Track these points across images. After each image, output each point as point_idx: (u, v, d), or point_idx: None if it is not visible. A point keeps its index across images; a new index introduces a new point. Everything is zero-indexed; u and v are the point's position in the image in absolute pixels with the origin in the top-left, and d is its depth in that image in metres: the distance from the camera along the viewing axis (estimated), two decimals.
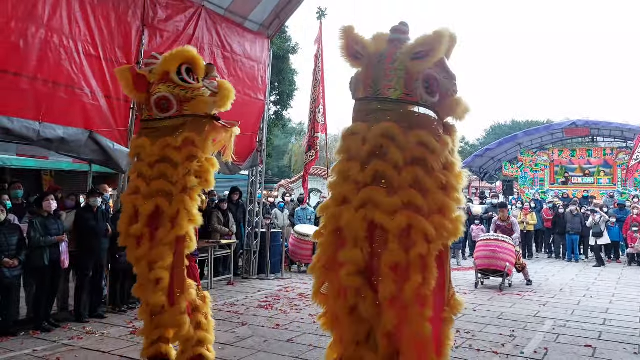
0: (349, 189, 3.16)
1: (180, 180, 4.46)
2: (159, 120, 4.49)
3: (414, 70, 3.11)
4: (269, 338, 6.16)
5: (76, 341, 5.93)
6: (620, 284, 10.79)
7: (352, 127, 3.24)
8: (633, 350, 5.85)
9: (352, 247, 3.09)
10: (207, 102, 4.50)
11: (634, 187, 21.07)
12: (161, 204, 4.43)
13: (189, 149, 4.46)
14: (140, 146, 4.54)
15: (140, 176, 4.56)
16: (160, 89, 4.42)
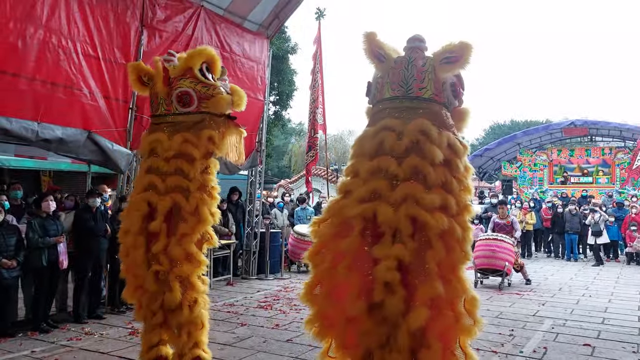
0: (383, 184, 3.15)
1: (197, 177, 4.46)
2: (177, 115, 4.47)
3: (442, 74, 3.30)
4: (269, 338, 6.15)
5: (75, 342, 5.93)
6: (619, 283, 10.80)
7: (385, 121, 3.26)
8: (632, 349, 5.86)
9: (391, 242, 3.08)
10: (227, 101, 4.51)
11: (633, 187, 21.09)
12: (179, 200, 4.40)
13: (208, 146, 4.47)
14: (157, 140, 4.47)
15: (153, 172, 4.48)
16: (183, 84, 4.43)
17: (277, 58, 17.49)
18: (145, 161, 4.63)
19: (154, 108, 4.69)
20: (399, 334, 3.08)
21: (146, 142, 4.62)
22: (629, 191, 20.67)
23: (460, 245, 3.20)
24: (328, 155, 18.02)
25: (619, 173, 21.84)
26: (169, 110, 4.49)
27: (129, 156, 7.75)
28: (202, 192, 4.53)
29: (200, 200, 4.49)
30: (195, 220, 4.53)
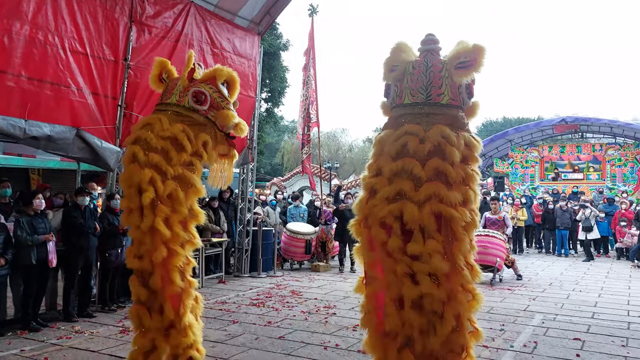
0: (407, 185, 3.38)
1: (177, 167, 4.43)
2: (187, 109, 4.53)
3: (458, 79, 3.47)
4: (260, 335, 6.14)
5: (65, 340, 5.89)
6: (609, 278, 10.87)
7: (407, 127, 3.47)
8: (621, 343, 5.89)
9: (422, 238, 3.32)
10: (232, 117, 4.62)
11: (623, 182, 21.24)
12: (155, 179, 4.33)
13: (199, 148, 4.51)
14: (158, 119, 4.49)
15: (140, 143, 4.43)
16: (202, 86, 4.55)
17: (269, 55, 17.44)
18: (138, 132, 4.53)
19: (164, 97, 4.70)
20: (441, 322, 3.34)
21: (144, 120, 4.62)
22: (619, 187, 20.83)
23: (469, 234, 3.48)
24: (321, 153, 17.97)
25: (610, 169, 21.99)
26: (180, 102, 4.56)
27: (118, 154, 7.70)
28: (178, 183, 4.46)
29: (174, 190, 4.43)
30: (171, 207, 4.42)
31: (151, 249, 4.34)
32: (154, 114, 4.62)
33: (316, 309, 7.62)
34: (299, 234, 11.84)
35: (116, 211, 7.56)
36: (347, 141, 45.76)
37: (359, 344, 5.71)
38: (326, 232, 12.09)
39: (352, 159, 42.93)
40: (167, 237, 4.37)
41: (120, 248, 7.50)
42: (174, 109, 4.55)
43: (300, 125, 13.30)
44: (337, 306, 7.81)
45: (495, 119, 50.79)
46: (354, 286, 3.95)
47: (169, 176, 4.39)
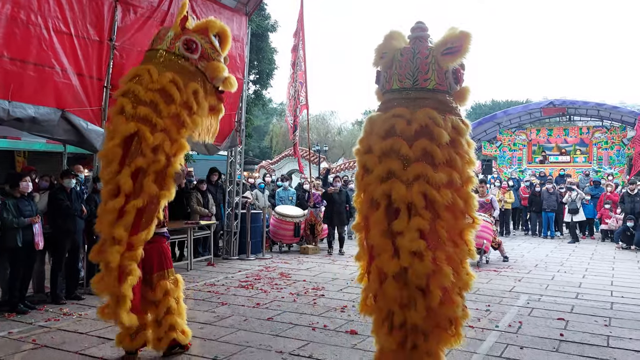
0: (396, 165, 3.50)
1: (167, 120, 4.39)
2: (177, 56, 4.50)
3: (445, 65, 3.58)
4: (249, 317, 6.17)
5: (53, 322, 5.88)
6: (594, 260, 11.05)
7: (395, 110, 3.59)
8: (603, 323, 6.01)
9: (407, 217, 3.45)
10: (223, 69, 4.64)
11: (609, 165, 21.47)
12: (142, 130, 4.27)
13: (190, 98, 4.49)
14: (146, 69, 4.44)
15: (128, 95, 4.38)
16: (194, 35, 4.55)
17: (257, 36, 17.27)
18: (125, 84, 4.49)
19: (155, 43, 4.65)
20: (424, 296, 3.45)
21: (134, 70, 4.57)
22: (606, 170, 21.05)
23: (464, 213, 3.61)
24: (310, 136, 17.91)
25: (596, 152, 22.19)
26: (171, 49, 4.53)
27: (104, 136, 7.61)
28: (166, 136, 4.40)
29: (164, 143, 4.35)
30: (153, 160, 4.32)
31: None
32: (143, 64, 4.58)
33: (305, 290, 7.67)
34: (288, 217, 11.86)
35: None
36: (336, 124, 45.68)
37: (346, 325, 5.77)
38: (315, 214, 12.12)
39: (341, 142, 42.89)
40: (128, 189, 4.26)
41: None
42: (164, 54, 4.52)
43: (288, 108, 13.22)
44: (326, 288, 7.87)
45: (484, 102, 50.93)
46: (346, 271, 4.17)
47: (158, 128, 4.36)
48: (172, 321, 4.78)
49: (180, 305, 4.97)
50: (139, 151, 4.33)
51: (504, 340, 5.29)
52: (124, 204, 4.25)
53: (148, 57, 4.64)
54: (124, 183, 4.24)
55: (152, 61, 4.54)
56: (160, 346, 4.78)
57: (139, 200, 4.27)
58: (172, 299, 4.85)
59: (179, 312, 4.92)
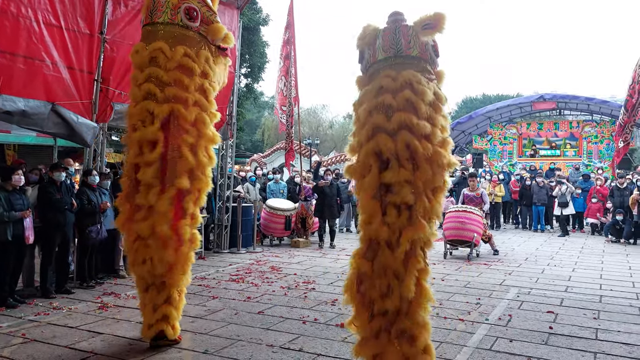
0: (381, 118, 3.68)
1: (194, 92, 4.62)
2: (180, 27, 4.62)
3: (424, 37, 3.83)
4: (240, 310, 6.19)
5: (42, 317, 5.86)
6: (583, 253, 11.15)
7: (384, 72, 3.80)
8: (592, 316, 6.08)
9: (398, 167, 3.59)
10: (223, 29, 4.79)
11: (599, 159, 21.63)
12: (177, 109, 4.50)
13: (205, 65, 4.68)
14: (159, 49, 4.54)
15: (153, 81, 4.55)
16: (191, 1, 4.63)
17: (248, 29, 17.19)
18: (143, 71, 4.63)
19: (154, 15, 4.69)
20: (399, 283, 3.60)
21: (147, 51, 4.64)
22: (595, 164, 21.22)
23: (442, 172, 3.74)
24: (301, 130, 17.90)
25: (586, 146, 22.36)
26: (173, 20, 4.61)
27: (95, 129, 7.57)
28: (199, 108, 4.67)
29: (199, 115, 4.63)
30: (197, 134, 4.65)
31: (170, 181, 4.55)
32: (146, 39, 4.66)
33: (295, 284, 7.69)
34: (279, 210, 11.86)
35: (93, 187, 7.48)
36: (328, 117, 45.65)
37: (337, 319, 5.80)
38: (306, 208, 12.14)
39: (333, 135, 42.89)
40: (192, 164, 4.62)
41: (100, 224, 7.44)
42: (167, 28, 4.61)
43: (278, 101, 13.16)
44: (317, 281, 7.89)
45: (475, 95, 51.05)
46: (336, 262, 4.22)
47: (189, 103, 4.56)
48: (167, 311, 4.80)
49: (180, 299, 5.01)
50: (184, 130, 4.57)
51: (494, 333, 5.34)
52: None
53: (151, 32, 4.70)
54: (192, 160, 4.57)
55: (157, 36, 4.62)
56: (148, 334, 4.81)
57: (201, 173, 4.70)
58: (175, 290, 4.89)
59: (177, 305, 4.95)
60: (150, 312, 4.82)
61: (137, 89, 4.68)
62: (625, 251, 11.54)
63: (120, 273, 8.10)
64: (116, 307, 6.29)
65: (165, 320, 4.78)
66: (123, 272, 8.11)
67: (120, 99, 8.09)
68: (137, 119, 4.63)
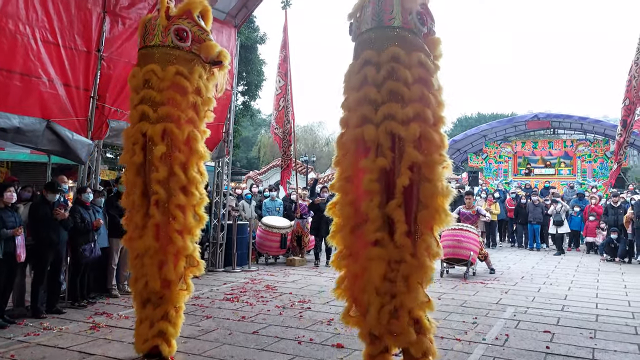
0: (368, 109, 3.74)
1: (187, 110, 4.70)
2: (172, 48, 4.71)
3: (408, 5, 3.84)
4: (234, 330, 6.10)
5: (32, 337, 5.75)
6: (579, 272, 11.12)
7: (364, 55, 3.85)
8: (589, 335, 6.03)
9: (375, 156, 3.69)
10: (216, 47, 4.86)
11: (593, 178, 21.72)
12: (170, 128, 4.59)
13: (198, 82, 4.77)
14: (151, 71, 4.65)
15: (146, 102, 4.66)
16: (180, 22, 4.73)
17: (246, 48, 17.30)
18: (139, 93, 4.74)
19: (147, 39, 4.82)
20: None
21: (140, 74, 4.75)
22: (590, 182, 21.30)
23: (438, 150, 3.76)
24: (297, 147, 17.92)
25: (580, 165, 22.48)
26: (164, 42, 4.70)
27: (89, 146, 7.55)
28: (192, 126, 4.75)
29: (191, 132, 4.71)
30: (188, 151, 4.73)
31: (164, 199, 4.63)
32: (141, 63, 4.76)
33: (291, 303, 7.62)
34: (274, 228, 11.80)
35: (87, 205, 7.42)
36: (324, 135, 45.82)
37: (333, 338, 5.73)
38: (302, 226, 12.08)
39: (329, 152, 42.92)
40: (183, 181, 4.70)
41: (94, 242, 7.37)
42: (160, 50, 4.70)
43: (277, 119, 13.12)
44: (312, 301, 7.82)
45: (470, 114, 51.38)
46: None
47: (182, 121, 4.65)
48: (163, 327, 4.76)
49: (178, 315, 4.97)
50: (176, 148, 4.67)
51: (491, 353, 5.28)
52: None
53: (145, 55, 4.80)
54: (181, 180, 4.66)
55: (152, 59, 4.73)
56: (142, 348, 4.78)
57: (194, 189, 4.76)
58: (171, 306, 4.86)
59: (174, 321, 4.91)
60: (146, 327, 4.80)
61: (133, 111, 4.82)
62: (621, 270, 11.52)
63: (112, 292, 8.00)
64: (108, 327, 6.19)
65: (161, 336, 4.74)
66: (116, 292, 8.02)
67: (116, 116, 8.09)
68: (131, 141, 4.76)
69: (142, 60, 4.83)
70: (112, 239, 7.89)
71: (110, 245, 7.93)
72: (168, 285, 4.77)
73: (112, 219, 7.91)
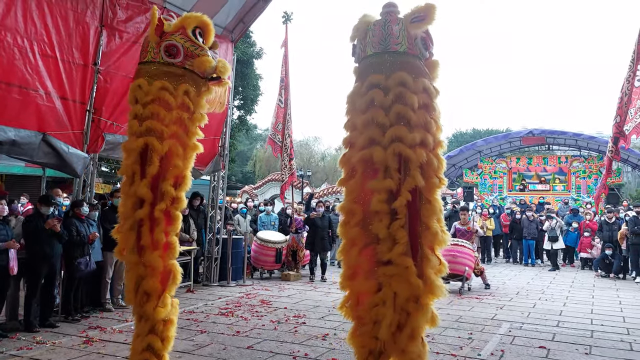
0: (376, 132, 3.77)
1: (171, 125, 4.60)
2: (161, 64, 4.66)
3: (413, 31, 3.88)
4: (229, 345, 6.06)
5: (25, 351, 5.69)
6: (574, 288, 11.13)
7: (371, 78, 3.87)
8: (584, 351, 6.03)
9: (383, 177, 3.72)
10: (210, 62, 4.73)
11: (587, 194, 21.82)
12: (151, 142, 4.52)
13: (184, 98, 4.67)
14: (138, 86, 4.64)
15: (134, 117, 4.63)
16: (172, 38, 4.68)
17: (242, 62, 17.41)
18: (133, 106, 4.71)
19: (141, 57, 4.81)
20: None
21: (130, 90, 4.74)
22: (584, 198, 21.40)
23: (436, 173, 3.83)
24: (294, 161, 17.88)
25: (575, 181, 22.59)
26: (155, 59, 4.68)
27: (85, 160, 7.54)
28: (175, 141, 4.66)
29: (174, 147, 4.62)
30: (167, 165, 4.63)
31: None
32: (136, 80, 4.73)
33: (286, 318, 7.58)
34: (270, 243, 11.77)
35: (82, 218, 7.39)
36: (320, 149, 45.96)
37: (328, 354, 5.70)
38: (297, 240, 12.05)
39: (325, 167, 43.07)
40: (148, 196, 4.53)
41: (89, 256, 7.33)
42: (150, 67, 4.68)
43: (279, 131, 13.03)
44: (307, 315, 7.78)
45: (465, 130, 51.66)
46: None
47: (165, 136, 4.57)
48: (151, 341, 4.67)
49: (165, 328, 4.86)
50: (152, 161, 4.56)
51: None
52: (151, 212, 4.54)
53: (141, 71, 4.79)
54: (144, 193, 4.50)
55: (141, 74, 4.73)
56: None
57: (163, 204, 4.56)
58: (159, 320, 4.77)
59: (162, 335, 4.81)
60: (139, 342, 4.74)
61: (128, 125, 4.79)
62: (615, 286, 11.54)
63: (106, 306, 7.94)
64: (101, 342, 6.14)
65: (150, 350, 4.68)
66: (109, 306, 7.96)
67: (112, 129, 8.10)
68: (125, 154, 4.72)
69: (137, 75, 4.83)
70: (107, 253, 7.86)
71: (104, 259, 7.90)
72: (147, 299, 4.72)
73: (107, 232, 7.88)
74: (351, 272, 4.01)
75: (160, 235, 4.59)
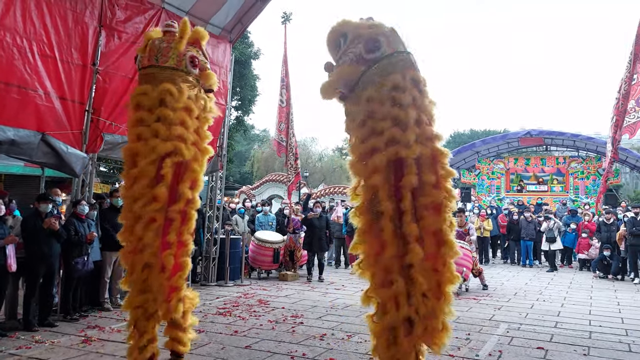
0: (377, 140, 3.89)
1: (193, 132, 4.90)
2: (183, 72, 4.86)
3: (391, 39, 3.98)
4: (227, 345, 6.07)
5: (24, 350, 5.69)
6: (572, 289, 11.15)
7: (368, 92, 3.95)
8: (582, 352, 6.04)
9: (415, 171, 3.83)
10: (214, 77, 5.16)
11: (586, 195, 21.86)
12: (179, 147, 4.72)
13: (201, 112, 4.99)
14: (168, 92, 4.76)
15: (162, 120, 4.74)
16: (193, 50, 4.96)
17: (240, 63, 17.40)
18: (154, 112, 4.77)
19: (160, 59, 4.83)
20: None
21: (158, 92, 4.75)
22: (582, 199, 21.44)
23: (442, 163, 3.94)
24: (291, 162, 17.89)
25: (573, 182, 22.63)
26: (179, 66, 4.86)
27: (84, 159, 7.54)
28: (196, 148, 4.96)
29: (196, 153, 4.91)
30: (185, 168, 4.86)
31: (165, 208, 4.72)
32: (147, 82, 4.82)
33: (283, 318, 7.59)
34: (267, 243, 11.78)
35: (82, 217, 7.39)
36: (317, 150, 45.97)
37: (326, 353, 5.71)
38: (295, 240, 12.06)
39: (322, 168, 43.07)
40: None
41: (87, 256, 7.33)
42: (173, 73, 4.84)
43: (282, 131, 13.02)
44: (305, 315, 7.79)
45: (463, 130, 51.83)
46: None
47: (189, 143, 4.83)
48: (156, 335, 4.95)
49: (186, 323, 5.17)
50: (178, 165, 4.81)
51: None
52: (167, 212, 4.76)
53: (154, 75, 4.82)
54: (162, 193, 4.67)
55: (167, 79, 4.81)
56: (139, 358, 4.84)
57: (179, 205, 4.79)
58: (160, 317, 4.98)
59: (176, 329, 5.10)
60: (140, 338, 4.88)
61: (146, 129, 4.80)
62: (613, 287, 11.56)
63: (105, 306, 7.94)
64: (100, 341, 6.14)
65: (152, 341, 4.87)
66: (108, 305, 7.96)
67: (111, 129, 8.10)
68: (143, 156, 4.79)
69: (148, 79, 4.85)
70: (105, 252, 7.86)
71: (103, 258, 7.90)
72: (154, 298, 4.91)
73: (106, 232, 7.90)
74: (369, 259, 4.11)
75: (173, 235, 4.80)
